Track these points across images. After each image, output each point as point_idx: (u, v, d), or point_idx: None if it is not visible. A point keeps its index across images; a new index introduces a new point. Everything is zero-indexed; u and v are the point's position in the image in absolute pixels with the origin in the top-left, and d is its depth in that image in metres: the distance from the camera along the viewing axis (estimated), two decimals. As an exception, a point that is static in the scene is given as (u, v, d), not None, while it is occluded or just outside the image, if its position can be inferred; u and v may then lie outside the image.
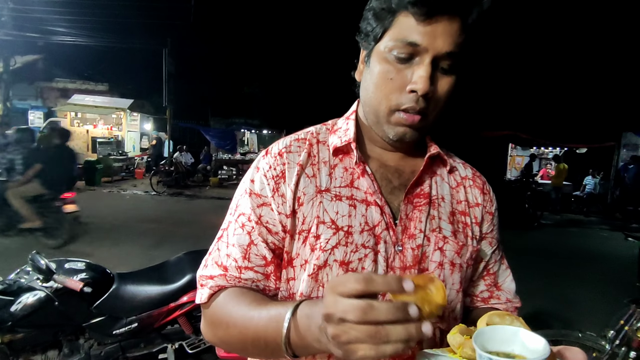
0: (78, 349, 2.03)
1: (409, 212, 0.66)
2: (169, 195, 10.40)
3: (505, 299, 0.77)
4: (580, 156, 13.20)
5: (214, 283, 0.64)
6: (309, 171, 0.66)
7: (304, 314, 0.50)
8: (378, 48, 0.62)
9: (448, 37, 0.58)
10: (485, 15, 0.60)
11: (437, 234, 0.67)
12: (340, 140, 0.68)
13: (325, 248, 0.62)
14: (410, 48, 0.58)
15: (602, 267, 5.67)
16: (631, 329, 1.92)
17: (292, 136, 0.71)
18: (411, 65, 0.59)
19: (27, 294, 1.85)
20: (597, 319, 2.13)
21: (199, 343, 2.31)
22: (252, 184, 0.66)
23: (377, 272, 0.64)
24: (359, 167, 0.66)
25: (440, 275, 0.66)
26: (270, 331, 0.53)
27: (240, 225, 0.65)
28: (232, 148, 15.60)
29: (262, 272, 0.64)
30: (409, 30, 0.58)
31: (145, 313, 2.12)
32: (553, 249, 6.77)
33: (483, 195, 0.74)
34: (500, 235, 0.78)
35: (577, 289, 4.59)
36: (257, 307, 0.57)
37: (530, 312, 3.56)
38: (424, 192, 0.68)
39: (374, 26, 0.62)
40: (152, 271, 2.29)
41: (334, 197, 0.64)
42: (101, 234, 5.70)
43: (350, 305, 0.41)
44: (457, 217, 0.71)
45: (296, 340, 0.50)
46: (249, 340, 0.57)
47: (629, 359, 1.89)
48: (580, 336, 2.04)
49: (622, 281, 2.28)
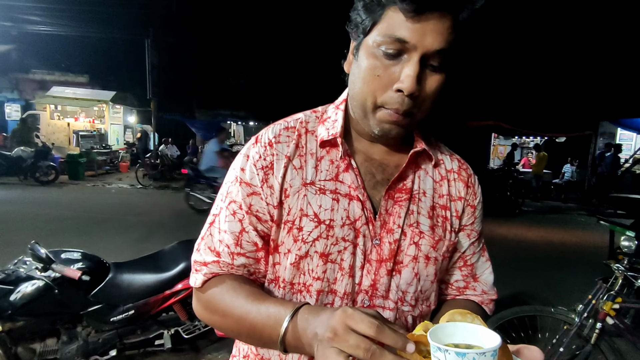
0: (76, 337, 2.08)
1: (389, 207, 0.67)
2: (155, 188, 10.30)
3: (480, 291, 0.77)
4: (560, 145, 13.62)
5: (207, 270, 0.66)
6: (296, 163, 0.67)
7: (304, 318, 0.54)
8: (367, 42, 0.60)
9: (438, 34, 0.56)
10: (478, 13, 0.58)
11: (414, 229, 0.68)
12: (328, 133, 0.68)
13: (306, 240, 0.64)
14: (399, 44, 0.57)
15: (579, 249, 5.96)
16: (597, 303, 2.08)
17: (282, 123, 0.71)
18: (399, 62, 0.58)
19: (26, 283, 1.88)
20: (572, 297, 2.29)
21: (194, 329, 2.39)
22: (242, 173, 0.67)
23: (355, 264, 0.66)
24: (344, 161, 0.67)
25: (414, 268, 0.68)
26: (268, 328, 0.56)
27: (231, 213, 0.66)
28: (218, 140, 15.46)
29: (253, 257, 0.66)
30: (397, 26, 0.56)
31: (142, 300, 2.18)
32: (533, 235, 7.04)
33: (467, 189, 0.74)
34: (484, 223, 0.78)
35: (555, 270, 4.83)
36: (255, 301, 0.60)
37: (512, 292, 3.75)
38: (406, 187, 0.69)
39: (364, 18, 0.60)
40: (147, 260, 2.34)
41: (318, 191, 0.65)
42: (88, 228, 5.66)
43: (362, 343, 0.46)
44: (437, 211, 0.71)
45: (290, 340, 0.54)
46: (244, 330, 0.60)
47: (596, 330, 2.05)
48: (553, 311, 2.19)
49: (596, 262, 2.44)
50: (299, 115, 0.73)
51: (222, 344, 2.62)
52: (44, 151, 9.91)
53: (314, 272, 0.65)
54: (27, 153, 9.46)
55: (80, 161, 10.69)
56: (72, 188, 9.50)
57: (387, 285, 0.67)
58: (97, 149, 12.40)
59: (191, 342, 2.50)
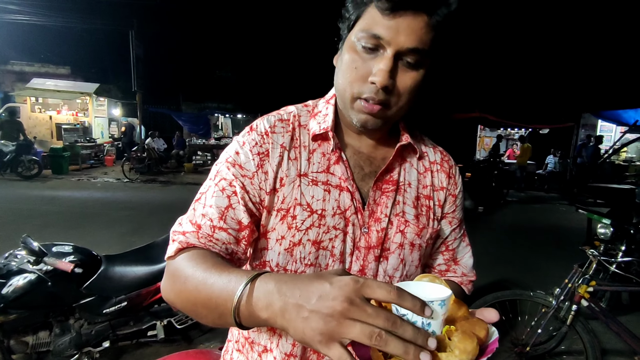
0: (69, 329, 2.09)
1: (376, 198, 0.71)
2: (142, 182, 10.17)
3: (460, 273, 0.83)
4: (543, 136, 13.94)
5: (184, 239, 0.63)
6: (292, 154, 0.69)
7: (268, 286, 0.47)
8: (350, 37, 0.64)
9: (411, 33, 0.58)
10: (454, 15, 0.60)
11: (400, 218, 0.72)
12: (319, 127, 0.71)
13: (300, 228, 0.67)
14: (375, 40, 0.60)
15: (559, 237, 6.17)
16: (573, 286, 2.19)
17: (275, 115, 0.73)
18: (376, 57, 0.62)
19: (18, 277, 1.88)
20: (551, 282, 2.40)
21: (186, 319, 2.42)
22: (236, 156, 0.68)
23: (345, 250, 0.69)
24: (334, 154, 0.70)
25: (400, 255, 0.72)
26: (224, 294, 0.51)
27: (220, 189, 0.66)
28: (206, 133, 15.32)
29: (234, 236, 0.65)
30: (374, 23, 0.59)
31: (134, 292, 2.20)
32: (517, 223, 7.24)
33: (448, 179, 0.79)
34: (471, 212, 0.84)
35: (536, 257, 5.00)
36: (218, 269, 0.55)
37: (496, 279, 3.89)
38: (393, 178, 0.73)
39: (350, 13, 0.64)
40: (139, 252, 2.36)
41: (310, 182, 0.69)
42: (75, 222, 5.59)
43: (381, 312, 0.41)
44: (422, 201, 0.76)
45: (245, 311, 0.48)
46: (200, 299, 0.55)
47: (571, 312, 2.17)
48: (532, 295, 2.30)
49: (575, 249, 2.56)
50: (291, 108, 0.75)
51: (214, 333, 2.67)
52: (26, 145, 9.67)
53: (306, 259, 0.68)
54: (8, 147, 9.22)
55: (64, 155, 10.46)
56: (56, 183, 9.32)
57: (375, 270, 0.71)
58: (81, 143, 12.14)
59: (183, 333, 2.54)
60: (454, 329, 0.46)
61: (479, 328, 0.47)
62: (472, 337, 0.45)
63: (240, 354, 0.75)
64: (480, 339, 0.46)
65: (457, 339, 0.44)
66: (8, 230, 4.77)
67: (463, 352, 0.43)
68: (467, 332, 0.45)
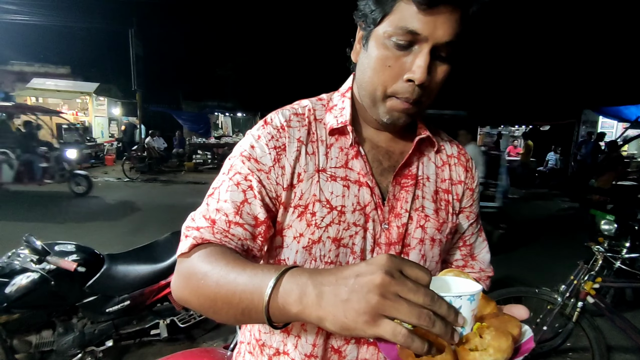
0: (72, 328, 2.09)
1: (396, 193, 0.70)
2: (143, 181, 10.17)
3: (478, 268, 0.82)
4: (544, 133, 13.91)
5: (198, 234, 0.61)
6: (309, 149, 0.68)
7: (300, 277, 0.45)
8: (377, 32, 0.61)
9: (449, 27, 0.58)
10: (486, 7, 0.60)
11: (420, 213, 0.70)
12: (337, 121, 0.69)
13: (320, 225, 0.65)
14: (410, 36, 0.58)
15: (562, 234, 6.16)
16: (579, 283, 2.18)
17: (289, 109, 0.71)
18: (410, 52, 0.60)
19: (21, 276, 1.88)
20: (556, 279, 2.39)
21: (189, 318, 2.42)
22: (252, 150, 0.66)
23: (366, 247, 0.67)
24: (353, 148, 0.69)
25: (421, 250, 0.71)
26: (249, 288, 0.48)
27: (235, 183, 0.64)
28: (206, 132, 15.30)
29: (250, 232, 0.63)
30: (409, 18, 0.57)
31: (137, 291, 2.19)
32: (519, 220, 7.22)
33: (466, 173, 0.78)
34: None
35: (540, 254, 4.99)
36: (242, 263, 0.54)
37: (499, 276, 3.87)
38: (412, 173, 0.72)
39: (373, 9, 0.61)
40: (142, 251, 2.35)
41: (329, 178, 0.67)
42: (74, 222, 5.59)
43: (421, 287, 0.40)
44: (440, 195, 0.74)
45: (279, 303, 0.45)
46: (221, 296, 0.52)
47: (577, 309, 2.16)
48: (537, 292, 2.29)
49: (578, 245, 2.55)
50: (305, 102, 0.73)
51: (218, 332, 2.66)
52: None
53: (325, 257, 0.66)
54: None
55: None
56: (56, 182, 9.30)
57: None
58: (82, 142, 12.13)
59: (187, 332, 2.53)
60: (486, 326, 0.44)
61: (512, 325, 0.46)
62: (507, 335, 0.43)
63: (251, 356, 0.74)
64: (513, 337, 0.44)
65: (490, 336, 0.43)
66: (9, 229, 4.77)
67: (498, 351, 0.41)
68: (500, 330, 0.43)
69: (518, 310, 0.51)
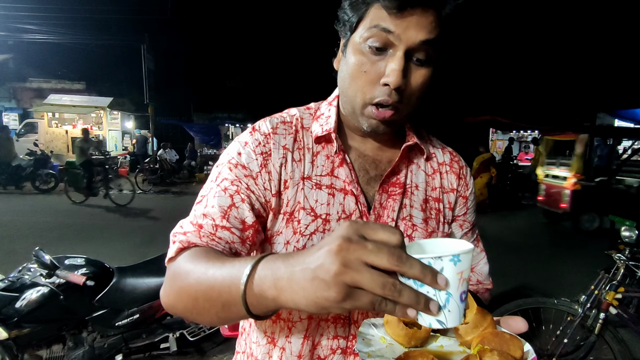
0: (82, 342, 2.08)
1: (383, 201, 0.68)
2: (155, 193, 10.29)
3: (476, 280, 0.78)
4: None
5: (185, 238, 0.61)
6: (296, 156, 0.67)
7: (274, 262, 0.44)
8: (353, 38, 0.62)
9: (421, 29, 0.57)
10: (462, 7, 0.60)
11: (407, 222, 0.69)
12: (322, 129, 0.69)
13: (304, 233, 0.64)
14: (384, 35, 0.57)
15: (579, 241, 5.97)
16: (600, 293, 2.09)
17: (277, 117, 0.71)
18: (385, 57, 0.59)
19: (31, 290, 1.89)
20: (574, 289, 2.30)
21: (199, 331, 2.39)
22: (238, 157, 0.66)
23: None
24: (338, 156, 0.68)
25: None
26: (227, 280, 0.48)
27: (222, 189, 0.64)
28: (217, 143, 15.48)
29: (238, 235, 0.62)
30: (382, 20, 0.58)
31: (146, 304, 2.18)
32: (535, 228, 7.05)
33: (458, 180, 0.76)
34: (486, 216, 0.79)
35: (557, 262, 4.84)
36: (222, 258, 0.54)
37: (515, 286, 3.76)
38: (399, 181, 0.70)
39: (350, 16, 0.62)
40: (151, 264, 2.35)
41: (314, 186, 0.66)
42: (90, 234, 5.66)
43: (386, 249, 0.36)
44: (430, 204, 0.72)
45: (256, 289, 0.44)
46: (201, 291, 0.51)
47: (599, 320, 2.06)
48: (556, 302, 2.20)
49: (596, 253, 2.45)
50: (293, 110, 0.74)
51: (227, 345, 2.63)
52: (43, 159, 9.90)
53: None
54: (26, 161, 9.45)
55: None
56: (71, 195, 9.48)
57: None
58: (96, 156, 12.39)
59: (196, 345, 2.51)
60: (488, 349, 0.41)
61: (514, 347, 0.42)
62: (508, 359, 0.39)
63: None
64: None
65: None
66: (26, 243, 4.85)
67: None
68: (502, 354, 0.40)
69: (516, 323, 0.48)
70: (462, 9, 0.60)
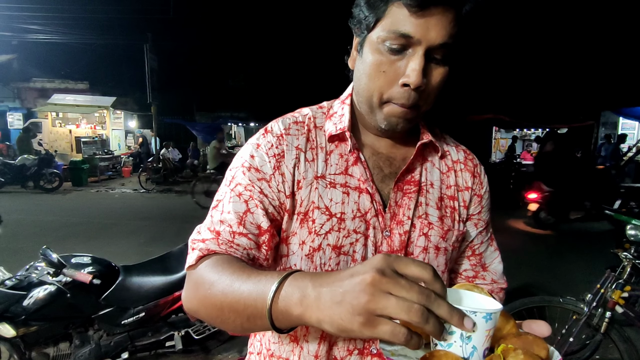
0: (88, 340, 2.10)
1: (398, 199, 0.68)
2: (158, 192, 10.33)
3: (490, 280, 0.78)
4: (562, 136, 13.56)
5: (204, 246, 0.61)
6: (308, 155, 0.67)
7: (302, 281, 0.45)
8: (371, 37, 0.61)
9: (442, 28, 0.56)
10: (480, 6, 0.59)
11: (423, 220, 0.69)
12: (335, 128, 0.68)
13: (319, 232, 0.64)
14: (403, 39, 0.57)
15: (584, 239, 5.94)
16: (606, 292, 2.08)
17: (289, 117, 0.71)
18: (404, 56, 0.59)
19: (38, 288, 1.90)
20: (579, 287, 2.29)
21: (204, 330, 2.40)
22: (251, 159, 0.66)
23: (367, 255, 0.66)
24: (352, 155, 0.68)
25: (425, 259, 0.68)
26: (253, 294, 0.48)
27: (237, 194, 0.64)
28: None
29: (255, 241, 0.63)
30: (402, 21, 0.56)
31: (152, 302, 2.20)
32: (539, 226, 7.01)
33: (473, 179, 0.75)
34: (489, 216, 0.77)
35: (561, 260, 4.82)
36: (247, 270, 0.54)
37: (519, 285, 3.76)
38: (414, 179, 0.70)
39: (367, 15, 0.60)
40: (156, 262, 2.36)
41: (328, 185, 0.66)
42: (94, 233, 5.69)
43: (415, 285, 0.38)
44: (446, 202, 0.72)
45: (281, 307, 0.45)
46: (227, 303, 0.52)
47: (605, 319, 2.05)
48: (562, 301, 2.20)
49: (601, 251, 2.44)
50: (306, 110, 0.73)
51: (232, 344, 2.64)
52: (47, 159, 9.96)
53: (326, 265, 0.65)
54: (30, 161, 9.52)
55: (83, 167, 10.73)
56: (76, 194, 9.54)
57: None
58: (100, 155, 12.45)
59: (201, 343, 2.52)
60: (512, 348, 0.41)
61: (538, 347, 0.42)
62: (535, 359, 0.39)
63: None
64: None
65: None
66: (32, 242, 4.88)
67: None
68: (528, 353, 0.40)
69: (539, 327, 0.48)
70: (481, 7, 0.59)
